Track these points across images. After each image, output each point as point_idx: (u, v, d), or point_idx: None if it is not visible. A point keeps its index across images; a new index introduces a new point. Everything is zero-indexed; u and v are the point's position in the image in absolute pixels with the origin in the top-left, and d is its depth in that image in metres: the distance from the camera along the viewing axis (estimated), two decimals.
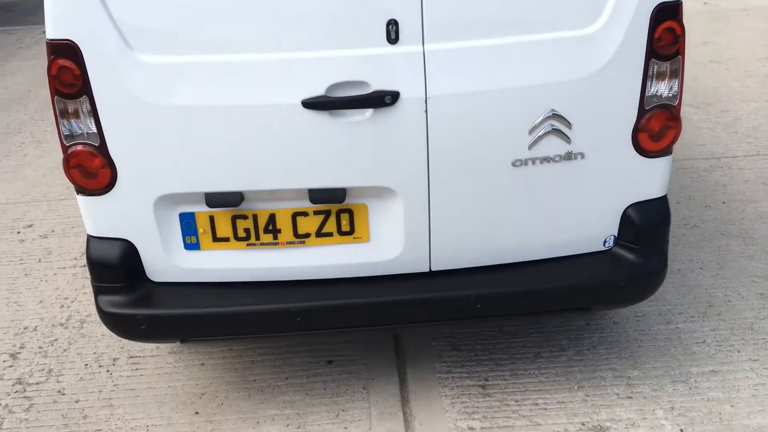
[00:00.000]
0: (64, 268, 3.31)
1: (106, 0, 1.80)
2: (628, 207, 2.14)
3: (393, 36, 1.83)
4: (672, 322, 2.74)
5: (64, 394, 2.52)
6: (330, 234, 2.07)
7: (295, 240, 2.08)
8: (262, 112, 1.88)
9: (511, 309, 2.16)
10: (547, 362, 2.54)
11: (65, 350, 2.75)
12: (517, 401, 2.36)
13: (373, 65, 1.85)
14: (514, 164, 1.99)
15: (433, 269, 2.14)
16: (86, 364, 2.66)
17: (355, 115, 1.89)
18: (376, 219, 2.06)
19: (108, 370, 2.62)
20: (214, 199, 2.00)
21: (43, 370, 2.65)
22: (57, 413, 2.43)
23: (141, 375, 2.59)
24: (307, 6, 1.81)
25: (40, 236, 3.66)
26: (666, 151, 2.09)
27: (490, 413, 2.31)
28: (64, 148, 1.97)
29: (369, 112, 1.88)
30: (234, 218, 2.05)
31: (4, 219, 3.89)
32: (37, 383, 2.58)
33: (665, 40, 1.94)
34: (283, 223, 2.05)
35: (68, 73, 1.86)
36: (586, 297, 2.17)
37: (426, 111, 1.89)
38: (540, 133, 1.96)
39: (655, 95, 2.01)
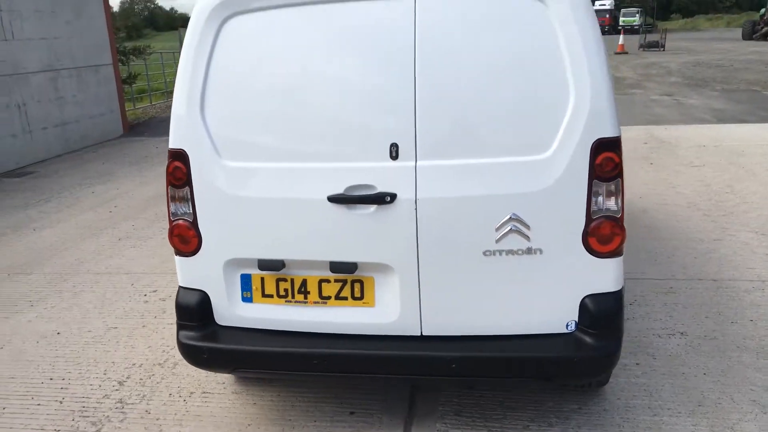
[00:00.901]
0: (171, 323, 4.18)
1: (207, 121, 2.70)
2: (584, 297, 2.62)
3: (394, 154, 2.56)
4: (658, 415, 3.05)
5: (149, 413, 3.27)
6: (345, 298, 2.74)
7: (320, 300, 2.76)
8: (300, 203, 2.64)
9: (479, 371, 2.66)
10: None
11: (158, 383, 3.53)
12: None
13: (379, 174, 2.58)
14: (484, 254, 2.59)
15: (424, 334, 2.72)
16: (170, 394, 3.42)
17: (364, 209, 2.60)
18: (381, 289, 2.70)
19: (185, 400, 3.36)
20: (263, 264, 2.75)
21: (139, 395, 3.43)
22: (141, 426, 3.17)
23: (207, 405, 3.30)
24: (338, 131, 2.60)
25: (160, 299, 4.61)
26: (614, 254, 2.59)
27: None
28: (170, 222, 2.84)
29: (374, 207, 2.59)
30: (278, 280, 2.78)
31: (138, 285, 4.91)
32: (132, 403, 3.36)
33: (605, 166, 2.51)
34: (312, 287, 2.75)
35: (179, 171, 2.75)
36: (545, 368, 2.62)
37: (416, 209, 2.57)
38: (504, 231, 2.56)
39: (600, 209, 2.55)
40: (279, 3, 2.62)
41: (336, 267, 2.68)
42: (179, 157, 2.74)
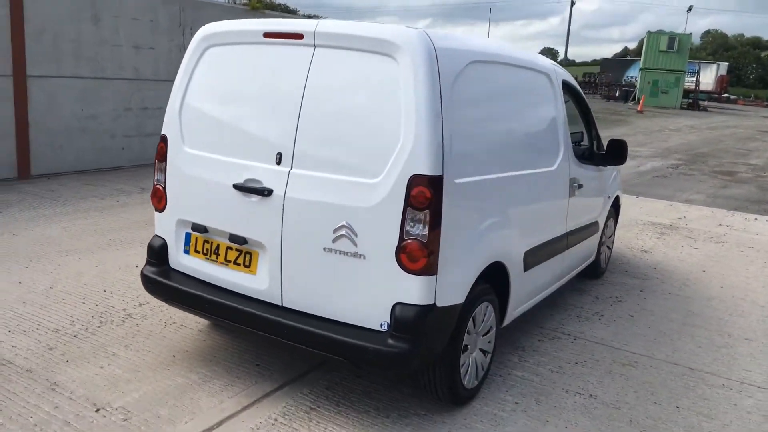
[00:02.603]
0: None
1: (182, 117, 3.78)
2: (395, 303, 3.15)
3: (278, 160, 3.38)
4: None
5: (138, 326, 4.43)
6: (239, 264, 3.59)
7: (225, 262, 3.65)
8: (218, 185, 3.58)
9: (304, 341, 3.31)
10: (362, 415, 3.49)
11: (154, 308, 4.70)
12: (315, 423, 3.41)
13: (266, 173, 3.41)
14: (324, 249, 3.27)
15: (284, 305, 3.46)
16: (160, 320, 4.55)
17: (252, 197, 3.45)
18: (261, 262, 3.51)
19: (165, 325, 4.46)
20: (195, 226, 3.73)
21: (140, 314, 4.63)
22: (127, 327, 4.34)
23: (176, 333, 4.36)
24: (249, 138, 3.50)
25: None
26: (421, 272, 3.08)
27: (295, 423, 3.42)
28: (153, 186, 3.96)
29: (258, 197, 3.43)
30: (203, 241, 3.74)
31: None
32: (135, 317, 4.56)
33: (418, 197, 3.05)
34: (221, 250, 3.66)
35: (162, 149, 3.87)
36: (353, 353, 3.18)
37: (283, 204, 3.35)
38: (338, 234, 3.22)
39: (411, 231, 3.08)
40: (234, 40, 3.62)
41: (232, 238, 3.57)
42: (164, 139, 3.86)
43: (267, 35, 3.50)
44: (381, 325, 3.19)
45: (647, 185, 12.64)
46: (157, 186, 3.91)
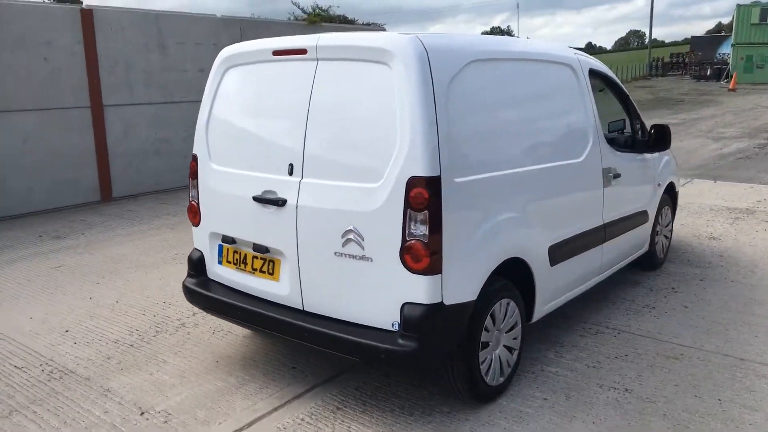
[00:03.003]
0: None
1: (209, 136, 4.03)
2: (404, 303, 3.23)
3: (290, 171, 3.55)
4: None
5: (189, 333, 4.73)
6: (264, 272, 3.78)
7: (252, 270, 3.86)
8: (241, 198, 3.78)
9: (319, 342, 3.44)
10: (394, 418, 3.58)
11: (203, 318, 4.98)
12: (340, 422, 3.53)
13: (280, 184, 3.58)
14: (335, 254, 3.40)
15: (305, 309, 3.62)
16: (210, 327, 4.83)
17: (269, 208, 3.63)
18: (283, 269, 3.68)
19: (213, 332, 4.73)
20: (225, 238, 3.96)
21: (192, 323, 4.92)
22: (182, 334, 4.64)
23: (217, 338, 4.62)
24: (265, 152, 3.68)
25: None
26: (425, 271, 3.15)
27: (323, 420, 3.55)
28: (189, 202, 4.23)
29: (274, 207, 3.60)
30: (233, 251, 3.96)
31: None
32: (187, 327, 4.86)
33: (417, 199, 3.12)
34: (249, 260, 3.86)
35: (193, 167, 4.13)
36: (367, 353, 3.29)
37: (296, 212, 3.51)
38: (346, 238, 3.34)
39: (413, 233, 3.15)
40: (249, 60, 3.82)
41: (256, 247, 3.76)
42: (194, 158, 4.13)
43: (275, 53, 3.67)
44: (392, 325, 3.28)
45: (728, 168, 11.97)
46: (192, 202, 4.17)
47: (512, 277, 3.80)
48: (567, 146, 4.25)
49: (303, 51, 3.54)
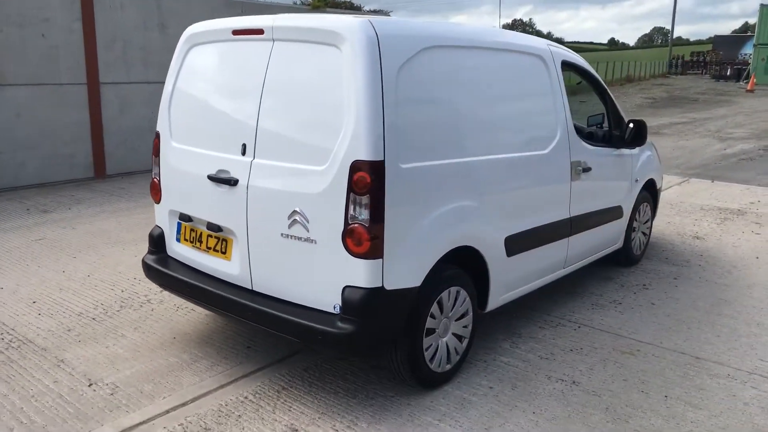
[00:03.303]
0: None
1: (171, 114, 4.04)
2: (345, 286, 3.24)
3: (243, 151, 3.56)
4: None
5: (153, 309, 4.77)
6: (218, 250, 3.81)
7: (207, 249, 3.88)
8: (196, 177, 3.80)
9: (263, 322, 3.47)
10: (335, 397, 3.60)
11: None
12: (279, 402, 3.56)
13: (233, 164, 3.59)
14: (281, 235, 3.41)
15: (254, 289, 3.64)
16: (174, 304, 4.88)
17: (223, 187, 3.64)
18: (234, 248, 3.70)
19: (177, 309, 4.77)
20: (182, 216, 3.99)
21: (157, 299, 4.97)
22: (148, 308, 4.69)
23: (180, 315, 4.66)
24: (220, 131, 3.69)
25: None
26: (366, 256, 3.15)
27: (261, 406, 3.59)
28: (152, 180, 4.25)
29: (227, 187, 3.62)
30: (190, 229, 3.99)
31: None
32: (151, 302, 4.91)
33: (360, 183, 3.12)
34: (204, 238, 3.89)
35: (156, 145, 4.16)
36: (308, 335, 3.30)
37: (247, 192, 3.52)
38: (292, 219, 3.35)
39: (355, 216, 3.15)
40: (211, 39, 3.83)
41: (209, 226, 3.78)
42: (157, 135, 4.15)
43: (235, 32, 3.68)
44: (334, 307, 3.29)
45: (729, 168, 11.85)
46: (154, 179, 4.20)
47: (465, 266, 3.79)
48: (531, 138, 4.22)
49: (260, 31, 3.54)
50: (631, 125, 5.36)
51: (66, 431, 3.27)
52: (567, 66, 4.77)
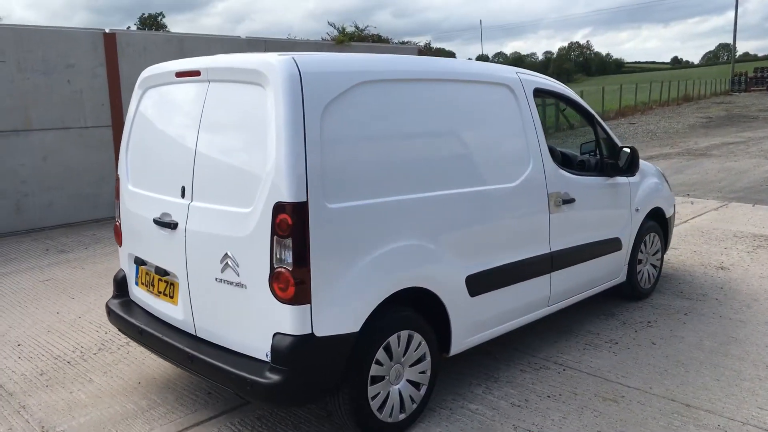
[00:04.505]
0: None
1: (128, 157, 4.04)
2: (275, 333, 3.10)
3: (182, 194, 3.50)
4: None
5: (128, 353, 4.74)
6: (165, 294, 3.74)
7: (157, 293, 3.82)
8: (145, 220, 3.76)
9: (203, 373, 3.35)
10: None
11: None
12: None
13: (174, 207, 3.53)
14: (216, 279, 3.31)
15: (197, 335, 3.54)
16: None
17: (165, 231, 3.59)
18: (180, 292, 3.63)
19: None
20: (137, 260, 3.96)
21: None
22: (106, 354, 4.66)
23: (141, 359, 4.61)
24: (164, 173, 3.65)
25: None
26: (292, 302, 3.01)
27: None
28: (114, 224, 4.25)
29: (168, 230, 3.56)
30: (145, 273, 3.94)
31: None
32: (134, 344, 4.88)
33: (282, 225, 2.99)
34: (155, 282, 3.83)
35: (116, 189, 4.15)
36: (239, 385, 3.16)
37: (185, 235, 3.45)
38: (224, 264, 3.25)
39: (280, 260, 3.02)
40: (161, 82, 3.82)
41: (157, 270, 3.73)
42: (117, 180, 4.16)
43: (177, 74, 3.65)
44: (266, 355, 3.15)
45: None
46: (117, 222, 4.19)
47: (422, 308, 3.60)
48: (494, 170, 4.00)
49: (197, 72, 3.50)
50: (626, 150, 5.07)
51: None
52: (543, 93, 4.55)
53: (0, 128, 8.88)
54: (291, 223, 2.97)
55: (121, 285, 4.19)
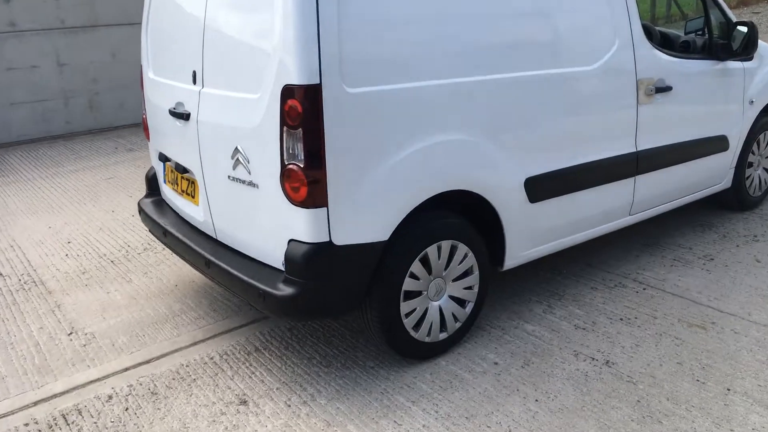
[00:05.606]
0: None
1: (148, 41, 3.62)
2: (290, 240, 2.69)
3: (194, 79, 3.06)
4: None
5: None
6: (188, 193, 3.40)
7: (181, 192, 3.49)
8: (162, 112, 3.38)
9: (218, 279, 3.02)
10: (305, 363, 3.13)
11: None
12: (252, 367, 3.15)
13: (187, 94, 3.12)
14: (229, 178, 2.90)
15: (217, 238, 3.20)
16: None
17: (180, 122, 3.19)
18: (199, 191, 3.27)
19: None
20: (161, 156, 3.62)
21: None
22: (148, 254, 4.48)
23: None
24: (178, 60, 3.20)
25: None
26: (306, 204, 2.56)
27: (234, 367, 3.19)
28: (143, 117, 3.91)
29: (183, 122, 3.16)
30: (170, 170, 3.61)
31: None
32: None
33: (291, 113, 2.50)
34: (178, 180, 3.49)
35: (141, 78, 3.78)
36: (253, 296, 2.81)
37: (197, 126, 3.04)
38: (234, 160, 2.82)
39: (291, 155, 2.55)
40: None
41: (177, 167, 3.37)
42: (140, 68, 3.77)
43: None
44: (282, 264, 2.76)
45: None
46: (144, 115, 3.85)
47: (470, 214, 3.08)
48: (567, 49, 3.28)
49: None
50: (742, 29, 4.14)
51: (21, 384, 3.10)
52: None
53: (68, 24, 8.73)
54: (301, 111, 2.47)
55: (152, 183, 3.90)
